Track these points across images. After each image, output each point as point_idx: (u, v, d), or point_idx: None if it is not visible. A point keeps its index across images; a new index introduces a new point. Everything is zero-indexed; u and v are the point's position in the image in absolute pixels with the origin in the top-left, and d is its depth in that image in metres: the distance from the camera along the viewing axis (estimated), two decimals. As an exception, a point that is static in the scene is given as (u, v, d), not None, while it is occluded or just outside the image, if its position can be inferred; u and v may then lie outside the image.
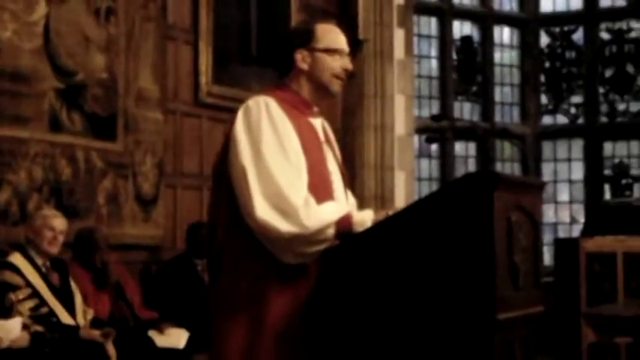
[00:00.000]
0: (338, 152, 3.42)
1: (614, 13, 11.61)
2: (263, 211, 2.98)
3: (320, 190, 3.08)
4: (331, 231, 3.01)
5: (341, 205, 3.21)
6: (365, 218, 3.08)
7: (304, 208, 2.98)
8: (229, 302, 3.11)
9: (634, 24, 11.51)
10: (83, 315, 5.79)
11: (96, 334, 5.64)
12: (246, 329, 3.07)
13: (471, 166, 11.27)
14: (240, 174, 3.03)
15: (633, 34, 11.50)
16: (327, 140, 3.34)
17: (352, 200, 3.49)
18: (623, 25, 11.53)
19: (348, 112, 9.62)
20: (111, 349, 5.68)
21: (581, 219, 11.12)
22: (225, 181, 3.13)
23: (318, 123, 3.32)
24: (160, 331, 6.35)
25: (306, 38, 3.24)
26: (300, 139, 3.13)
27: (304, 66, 3.23)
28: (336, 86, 3.28)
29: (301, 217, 2.97)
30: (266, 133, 3.06)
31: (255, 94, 3.25)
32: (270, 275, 3.07)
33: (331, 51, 3.23)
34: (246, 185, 3.01)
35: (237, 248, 3.12)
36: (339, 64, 3.25)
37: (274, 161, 3.02)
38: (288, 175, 3.02)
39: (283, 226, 2.97)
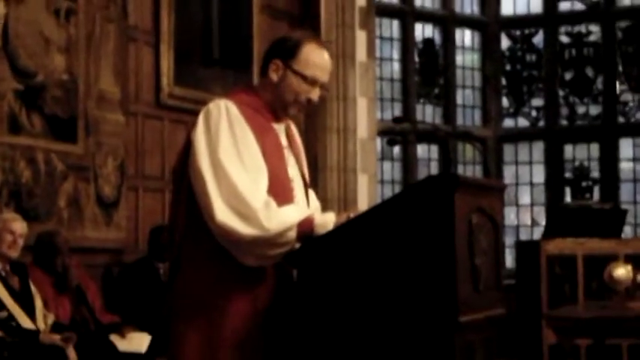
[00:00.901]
0: (303, 157, 3.41)
1: (573, 17, 11.71)
2: (223, 214, 2.97)
3: (279, 196, 3.07)
4: (292, 233, 3.01)
5: (302, 207, 3.21)
6: (327, 221, 3.08)
7: (264, 211, 2.98)
8: (186, 306, 3.09)
9: (593, 27, 11.63)
10: (44, 319, 5.74)
11: (56, 338, 5.59)
12: (204, 334, 3.05)
13: (433, 169, 11.31)
14: (199, 178, 3.03)
15: (592, 38, 11.61)
16: (291, 145, 3.33)
17: (316, 203, 3.49)
18: (582, 28, 11.64)
19: (311, 115, 9.62)
20: (72, 354, 5.63)
21: (542, 221, 11.20)
22: (185, 183, 3.12)
23: (282, 128, 3.30)
24: (122, 335, 6.31)
25: (288, 52, 3.20)
26: (260, 145, 3.12)
27: (274, 77, 3.21)
28: (292, 111, 3.25)
29: (261, 219, 2.97)
30: (224, 138, 3.05)
31: (218, 96, 3.24)
32: (228, 279, 3.05)
33: (303, 77, 3.19)
34: (205, 189, 3.00)
35: (196, 251, 3.10)
36: (306, 92, 3.21)
37: (232, 166, 3.01)
38: (245, 178, 3.01)
39: (244, 229, 2.97)
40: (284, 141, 3.29)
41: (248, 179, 3.02)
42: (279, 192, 3.10)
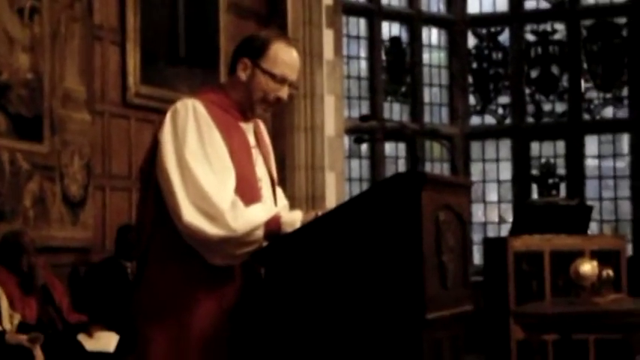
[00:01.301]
0: (271, 156, 3.41)
1: (538, 15, 11.80)
2: (190, 215, 2.97)
3: (246, 196, 3.07)
4: (260, 232, 3.01)
5: (269, 206, 3.21)
6: (294, 219, 3.08)
7: (231, 211, 2.98)
8: (153, 305, 3.09)
9: (558, 26, 11.71)
10: (9, 320, 5.70)
11: (23, 338, 5.55)
12: (171, 334, 3.05)
13: (401, 167, 11.35)
14: (166, 178, 3.02)
15: (557, 36, 11.69)
16: (259, 144, 3.33)
17: (284, 202, 3.49)
18: (548, 26, 11.72)
19: (278, 113, 9.61)
20: (39, 354, 5.59)
21: (510, 218, 11.26)
22: (152, 183, 3.11)
23: (250, 127, 3.30)
24: (90, 334, 6.27)
25: (256, 50, 3.19)
26: (228, 144, 3.11)
27: (242, 76, 3.19)
28: (261, 109, 3.25)
29: (228, 219, 2.96)
30: (191, 139, 3.04)
31: (185, 95, 3.23)
32: (195, 278, 3.05)
33: (272, 75, 3.18)
34: (171, 190, 3.00)
35: (163, 250, 3.10)
36: (274, 91, 3.20)
37: (198, 166, 3.01)
38: (212, 179, 3.01)
39: (211, 229, 2.96)
40: (252, 140, 3.29)
41: (215, 180, 3.01)
42: (247, 191, 3.10)
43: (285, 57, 3.21)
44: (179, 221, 2.99)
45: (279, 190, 3.46)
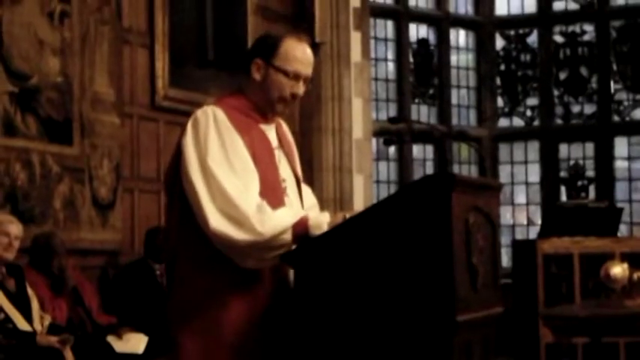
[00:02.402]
0: (295, 155, 3.41)
1: (567, 17, 11.73)
2: (216, 221, 2.98)
3: (270, 198, 3.08)
4: (287, 236, 3.01)
5: (296, 209, 3.21)
6: (321, 221, 3.07)
7: (257, 215, 2.98)
8: (184, 310, 3.10)
9: (587, 27, 11.64)
10: (40, 321, 5.73)
11: (53, 340, 5.58)
12: (201, 339, 3.06)
13: (429, 169, 11.32)
14: (190, 186, 3.04)
15: (586, 37, 11.62)
16: (282, 144, 3.33)
17: (313, 200, 3.49)
18: (577, 28, 11.65)
19: (306, 115, 9.62)
20: (69, 355, 5.62)
21: (538, 221, 11.20)
22: (176, 189, 3.13)
23: (271, 128, 3.30)
24: (119, 336, 6.30)
25: (268, 50, 3.20)
26: (250, 149, 3.12)
27: (257, 77, 3.21)
28: (279, 108, 3.25)
29: (254, 224, 2.97)
30: (212, 145, 3.06)
31: (213, 98, 3.24)
32: (225, 282, 3.06)
33: (285, 72, 3.19)
34: (196, 197, 3.02)
35: (192, 256, 3.11)
36: (290, 88, 3.20)
37: (221, 172, 3.02)
38: (236, 184, 3.02)
39: (238, 234, 2.97)
40: (274, 141, 3.29)
41: (239, 184, 3.02)
42: (270, 194, 3.11)
43: (296, 53, 3.21)
44: (206, 228, 3.00)
45: (306, 189, 3.46)
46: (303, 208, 3.31)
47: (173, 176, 3.16)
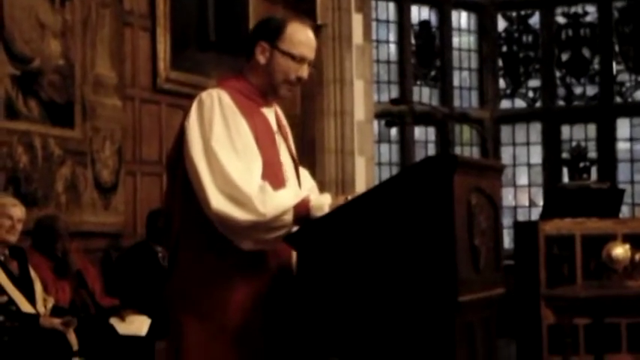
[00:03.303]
0: (291, 140, 3.41)
1: (569, -3, 11.70)
2: (218, 202, 2.98)
3: (272, 181, 3.07)
4: (289, 217, 3.01)
5: (297, 190, 3.21)
6: (323, 203, 3.07)
7: (259, 195, 2.98)
8: (187, 293, 3.09)
9: (589, 8, 11.61)
10: (43, 303, 5.75)
11: (57, 322, 5.60)
12: (205, 320, 3.06)
13: (431, 151, 11.33)
14: (193, 167, 3.03)
15: (588, 18, 11.60)
16: (280, 129, 3.33)
17: (311, 182, 3.49)
18: (579, 9, 11.62)
19: (308, 98, 9.61)
20: (72, 338, 5.64)
21: (540, 202, 11.21)
22: (179, 172, 3.12)
23: (271, 111, 3.31)
24: (122, 318, 6.31)
25: (272, 33, 3.20)
26: (253, 133, 3.12)
27: (261, 59, 3.20)
28: (284, 91, 3.25)
29: (256, 204, 2.97)
30: (217, 129, 3.06)
31: (215, 80, 3.24)
32: (228, 265, 3.05)
33: (292, 56, 3.19)
34: (199, 178, 3.01)
35: (194, 239, 3.11)
36: (295, 71, 3.21)
37: (225, 154, 3.02)
38: (239, 166, 3.02)
39: (240, 214, 2.97)
40: (274, 125, 3.29)
41: (241, 166, 3.02)
42: (273, 178, 3.11)
43: (302, 37, 3.22)
44: (208, 209, 3.00)
45: (304, 172, 3.47)
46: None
47: (175, 159, 3.16)
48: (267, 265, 3.10)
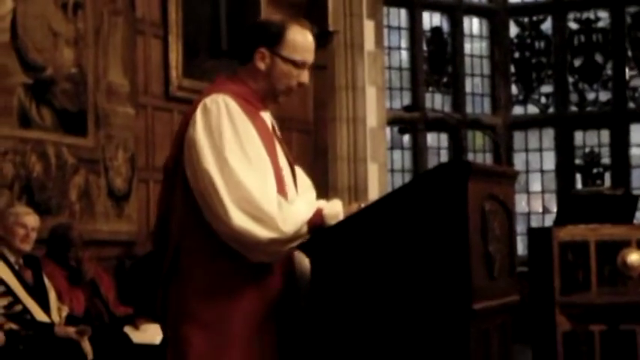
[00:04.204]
0: (284, 144, 3.32)
1: (581, 3, 11.67)
2: (239, 219, 2.90)
3: (277, 188, 3.03)
4: (305, 229, 2.99)
5: (310, 200, 3.18)
6: (337, 211, 3.05)
7: (279, 214, 2.93)
8: (190, 302, 3.03)
9: (601, 13, 11.58)
10: (58, 312, 5.76)
11: (71, 331, 5.61)
12: (211, 329, 2.99)
13: (443, 157, 11.30)
14: (206, 181, 2.94)
15: (601, 24, 11.57)
16: (275, 132, 3.26)
17: (308, 182, 3.40)
18: (591, 14, 11.59)
19: (320, 104, 9.62)
20: (86, 346, 5.64)
21: (554, 208, 11.17)
22: (179, 180, 3.04)
23: (268, 115, 3.23)
24: (136, 327, 6.32)
25: (272, 39, 3.10)
26: (259, 138, 3.05)
27: (261, 66, 3.12)
28: (283, 97, 3.19)
29: (278, 223, 2.92)
30: (228, 137, 2.97)
31: (207, 85, 3.16)
32: (234, 274, 3.00)
33: (294, 62, 3.11)
34: (214, 193, 2.92)
35: (197, 248, 3.03)
36: (297, 77, 3.14)
37: (239, 167, 2.94)
38: (254, 179, 2.95)
39: (261, 232, 2.91)
40: (271, 130, 3.22)
41: (257, 179, 2.95)
42: (277, 183, 3.05)
43: (302, 41, 3.12)
44: (226, 225, 2.92)
45: (299, 171, 3.37)
46: (297, 193, 3.22)
47: (174, 166, 3.07)
48: (274, 273, 3.05)
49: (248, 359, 3.00)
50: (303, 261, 3.15)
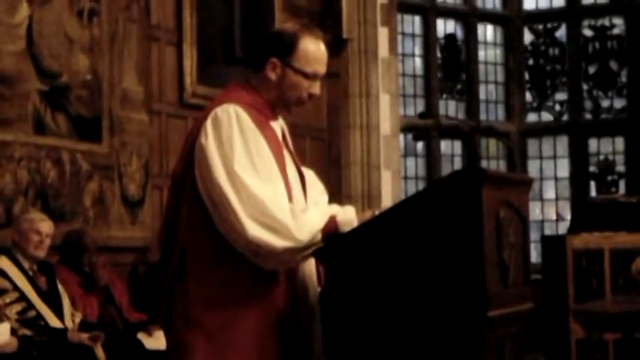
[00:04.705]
0: (294, 152, 3.30)
1: (596, 10, 11.65)
2: (254, 230, 2.90)
3: None
4: (319, 237, 2.97)
5: (324, 208, 3.17)
6: (351, 218, 3.04)
7: (294, 223, 2.93)
8: (194, 310, 3.00)
9: (616, 20, 11.56)
10: (71, 318, 5.77)
11: (84, 337, 5.61)
12: (216, 337, 2.97)
13: (457, 165, 11.28)
14: (218, 193, 2.94)
15: (616, 31, 11.54)
16: (285, 141, 3.25)
17: (320, 186, 3.39)
18: (606, 21, 11.57)
19: (334, 112, 9.62)
20: (100, 353, 5.65)
21: (568, 216, 11.14)
22: (188, 187, 3.03)
23: (278, 125, 3.22)
24: (149, 333, 6.32)
25: (284, 49, 3.09)
26: (270, 149, 3.03)
27: (272, 76, 3.10)
28: (294, 107, 3.18)
29: (294, 233, 2.91)
30: (238, 149, 2.96)
31: (219, 91, 3.15)
32: (240, 283, 2.99)
33: (305, 74, 3.09)
34: (227, 205, 2.92)
35: (201, 254, 3.01)
36: (308, 87, 3.12)
37: (250, 179, 2.93)
38: (266, 190, 2.94)
39: (277, 242, 2.91)
40: (281, 138, 3.20)
41: (269, 190, 2.94)
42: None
43: (315, 53, 3.10)
44: (241, 235, 2.91)
45: (311, 174, 3.36)
46: (306, 202, 3.20)
47: (183, 174, 3.06)
48: (280, 280, 3.04)
49: None
50: (306, 270, 3.15)
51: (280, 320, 3.02)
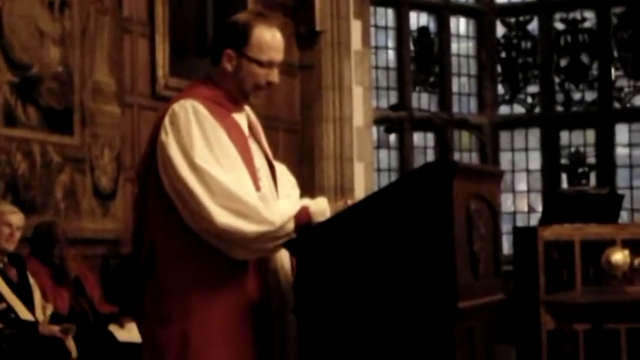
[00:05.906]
0: (264, 142, 3.30)
1: (568, 4, 11.71)
2: (223, 217, 2.90)
3: None
4: (291, 225, 2.98)
5: (295, 199, 3.18)
6: (324, 208, 3.05)
7: (264, 206, 2.94)
8: (165, 305, 3.01)
9: (587, 14, 11.62)
10: (42, 310, 5.75)
11: (55, 329, 5.60)
12: (186, 332, 2.97)
13: (430, 157, 11.32)
14: (183, 186, 2.94)
15: (587, 24, 11.61)
16: (253, 133, 3.24)
17: (292, 180, 3.41)
18: (577, 15, 11.63)
19: (307, 104, 9.62)
20: (71, 345, 5.64)
21: (539, 208, 11.21)
22: (152, 183, 3.04)
23: (243, 117, 3.21)
24: (121, 325, 6.31)
25: (238, 40, 3.08)
26: (230, 140, 3.03)
27: (229, 67, 3.09)
28: (253, 97, 3.17)
29: (264, 215, 2.92)
30: (197, 142, 2.96)
31: (181, 95, 3.13)
32: (212, 273, 2.98)
33: (259, 62, 3.08)
34: (193, 196, 2.92)
35: (169, 248, 3.02)
36: (265, 76, 3.11)
37: (213, 168, 2.93)
38: (231, 178, 2.95)
39: (248, 227, 2.91)
40: (246, 130, 3.20)
41: (232, 177, 2.95)
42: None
43: (269, 40, 3.09)
44: (211, 224, 2.91)
45: (283, 168, 3.38)
46: (278, 194, 3.22)
47: (146, 170, 3.07)
48: (249, 271, 3.04)
49: None
50: (278, 260, 3.15)
51: (252, 308, 3.03)
